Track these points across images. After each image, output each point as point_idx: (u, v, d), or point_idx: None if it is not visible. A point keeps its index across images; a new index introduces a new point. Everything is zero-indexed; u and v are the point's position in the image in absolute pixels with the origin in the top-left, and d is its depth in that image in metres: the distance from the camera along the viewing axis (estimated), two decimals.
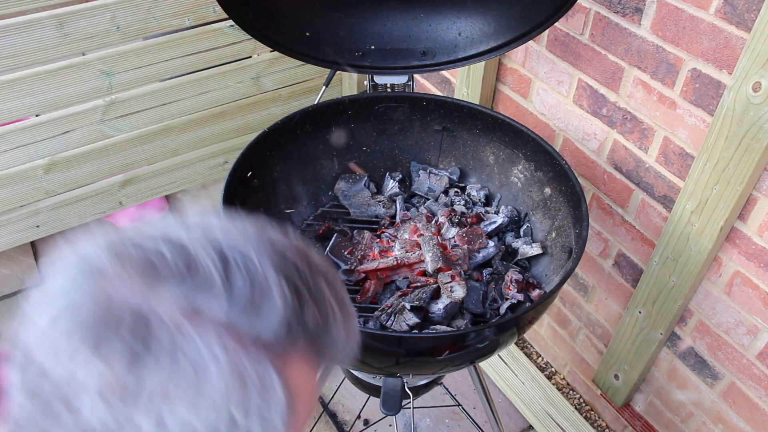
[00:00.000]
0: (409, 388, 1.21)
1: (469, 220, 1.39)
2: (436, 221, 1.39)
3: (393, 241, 1.37)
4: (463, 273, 1.26)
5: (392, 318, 1.18)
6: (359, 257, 1.33)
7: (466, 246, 1.32)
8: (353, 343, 0.51)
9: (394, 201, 1.48)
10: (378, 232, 1.42)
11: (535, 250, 1.33)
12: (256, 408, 0.42)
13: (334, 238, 1.36)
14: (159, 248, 0.42)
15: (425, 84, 2.09)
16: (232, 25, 2.07)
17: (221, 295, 0.42)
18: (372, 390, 1.42)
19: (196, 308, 0.41)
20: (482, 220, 1.40)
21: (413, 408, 1.34)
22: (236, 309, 0.42)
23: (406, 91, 1.49)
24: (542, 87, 1.61)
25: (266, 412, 0.42)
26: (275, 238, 0.47)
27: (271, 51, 2.21)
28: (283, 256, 0.45)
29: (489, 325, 1.09)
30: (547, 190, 1.35)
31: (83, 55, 1.91)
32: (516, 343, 2.08)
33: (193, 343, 0.40)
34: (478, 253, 1.33)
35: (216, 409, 0.40)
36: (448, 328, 1.19)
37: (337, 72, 1.62)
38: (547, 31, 1.52)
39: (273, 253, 0.45)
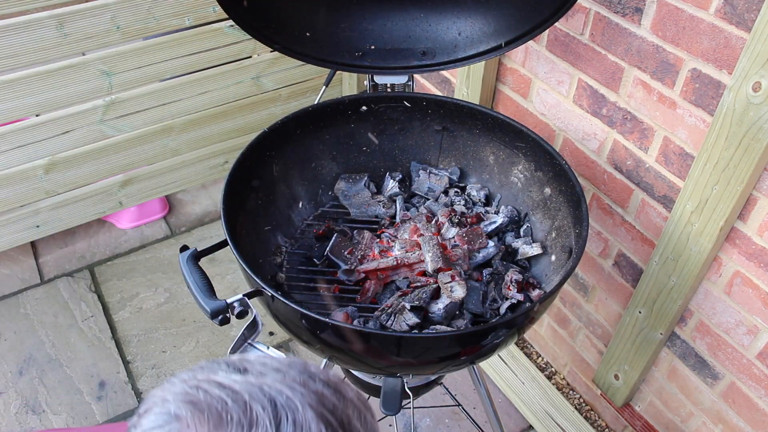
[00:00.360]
0: (409, 388, 1.21)
1: (469, 220, 1.39)
2: (436, 221, 1.39)
3: (393, 241, 1.37)
4: (463, 273, 1.26)
5: (392, 318, 1.18)
6: (359, 257, 1.33)
7: (466, 246, 1.32)
8: None
9: (394, 201, 1.49)
10: (378, 232, 1.42)
11: (535, 250, 1.33)
12: None
13: (334, 238, 1.36)
14: (222, 397, 0.54)
15: (425, 84, 2.09)
16: (232, 25, 2.07)
17: None
18: (372, 390, 1.42)
19: None
20: (482, 220, 1.40)
21: (413, 408, 1.35)
22: None
23: (406, 91, 1.49)
24: (542, 87, 1.61)
25: None
26: (315, 378, 0.59)
27: (271, 51, 2.21)
28: (322, 396, 0.57)
29: (489, 325, 1.09)
30: (547, 190, 1.35)
31: (83, 55, 1.91)
32: (516, 343, 2.08)
33: None
34: (478, 253, 1.33)
35: None
36: (448, 328, 1.19)
37: (337, 72, 1.62)
38: (547, 31, 1.52)
39: (314, 396, 0.56)
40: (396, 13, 1.41)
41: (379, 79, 1.47)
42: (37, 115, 1.96)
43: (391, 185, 1.49)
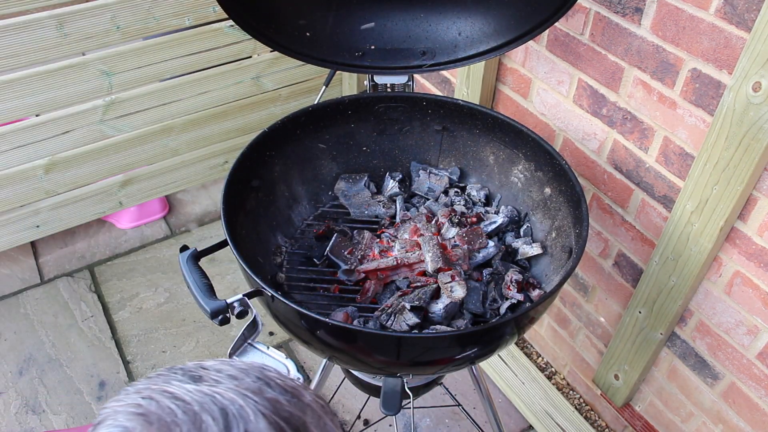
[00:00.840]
0: (409, 388, 1.21)
1: (469, 220, 1.39)
2: (436, 221, 1.39)
3: (393, 241, 1.37)
4: (463, 273, 1.26)
5: (392, 318, 1.18)
6: (359, 257, 1.33)
7: (466, 246, 1.32)
8: None
9: (394, 201, 1.49)
10: (378, 232, 1.42)
11: (535, 250, 1.33)
12: None
13: (334, 238, 1.36)
14: (173, 408, 0.54)
15: (425, 84, 2.09)
16: (232, 25, 2.07)
17: None
18: (372, 390, 1.42)
19: None
20: (482, 220, 1.40)
21: (413, 408, 1.35)
22: None
23: (406, 91, 1.49)
24: (542, 87, 1.61)
25: None
26: (271, 384, 0.58)
27: (271, 51, 2.21)
28: (277, 404, 0.56)
29: (489, 325, 1.09)
30: (547, 190, 1.35)
31: (83, 55, 1.91)
32: (516, 343, 2.08)
33: None
34: (478, 253, 1.33)
35: None
36: (448, 328, 1.19)
37: (337, 72, 1.62)
38: (547, 31, 1.52)
39: (268, 403, 0.56)
40: (396, 13, 1.41)
41: (379, 79, 1.47)
42: (37, 115, 1.96)
43: (391, 185, 1.49)
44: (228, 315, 1.06)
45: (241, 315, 1.07)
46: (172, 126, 2.21)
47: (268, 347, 1.08)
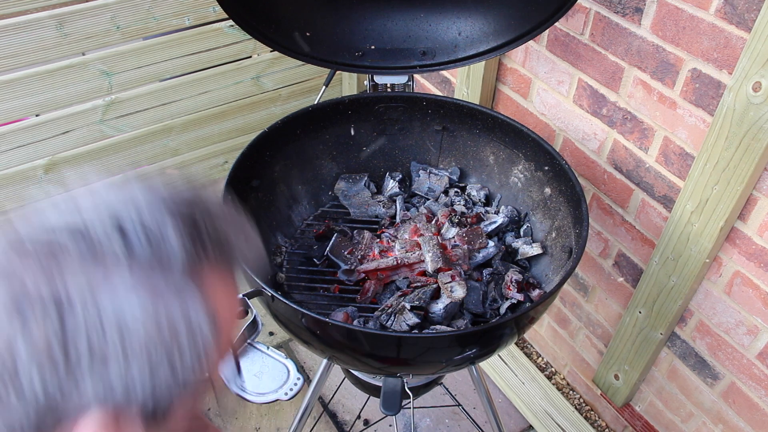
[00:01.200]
0: (409, 388, 1.21)
1: (469, 220, 1.39)
2: (436, 221, 1.39)
3: (393, 241, 1.37)
4: (463, 273, 1.26)
5: (392, 318, 1.18)
6: (359, 257, 1.33)
7: (466, 246, 1.32)
8: (256, 245, 0.62)
9: (394, 201, 1.48)
10: (378, 232, 1.42)
11: (535, 250, 1.33)
12: (183, 345, 0.49)
13: (334, 238, 1.36)
14: (59, 240, 0.48)
15: (425, 84, 2.09)
16: (232, 25, 2.07)
17: (124, 261, 0.48)
18: (372, 390, 1.42)
19: (105, 278, 0.47)
20: (482, 220, 1.40)
21: (413, 408, 1.35)
22: (141, 268, 0.48)
23: (406, 91, 1.49)
24: (542, 87, 1.61)
25: (191, 342, 0.49)
26: (166, 189, 0.54)
27: (271, 51, 2.21)
28: (174, 204, 0.52)
29: (489, 325, 1.09)
30: (547, 190, 1.35)
31: (83, 55, 1.91)
32: (516, 343, 2.08)
33: (107, 309, 0.47)
34: (478, 253, 1.33)
35: (145, 355, 0.48)
36: (448, 328, 1.19)
37: (337, 72, 1.62)
38: (547, 31, 1.52)
39: (165, 207, 0.51)
40: (396, 13, 1.41)
41: (379, 79, 1.47)
42: (37, 115, 1.96)
43: (391, 185, 1.49)
44: None
45: (240, 315, 1.07)
46: (172, 126, 2.20)
47: (268, 347, 1.08)
